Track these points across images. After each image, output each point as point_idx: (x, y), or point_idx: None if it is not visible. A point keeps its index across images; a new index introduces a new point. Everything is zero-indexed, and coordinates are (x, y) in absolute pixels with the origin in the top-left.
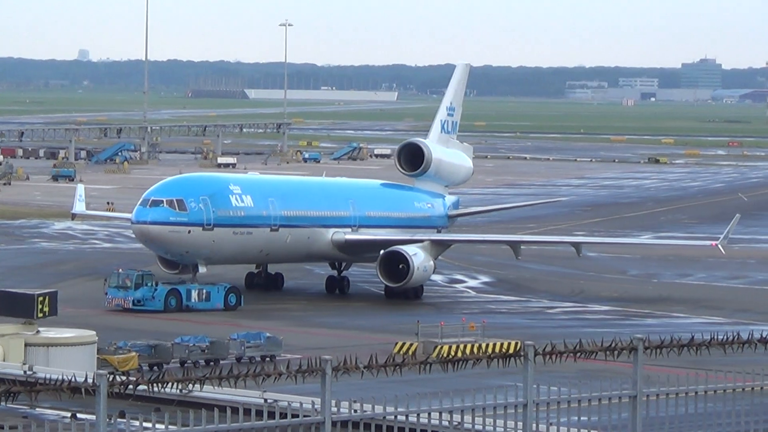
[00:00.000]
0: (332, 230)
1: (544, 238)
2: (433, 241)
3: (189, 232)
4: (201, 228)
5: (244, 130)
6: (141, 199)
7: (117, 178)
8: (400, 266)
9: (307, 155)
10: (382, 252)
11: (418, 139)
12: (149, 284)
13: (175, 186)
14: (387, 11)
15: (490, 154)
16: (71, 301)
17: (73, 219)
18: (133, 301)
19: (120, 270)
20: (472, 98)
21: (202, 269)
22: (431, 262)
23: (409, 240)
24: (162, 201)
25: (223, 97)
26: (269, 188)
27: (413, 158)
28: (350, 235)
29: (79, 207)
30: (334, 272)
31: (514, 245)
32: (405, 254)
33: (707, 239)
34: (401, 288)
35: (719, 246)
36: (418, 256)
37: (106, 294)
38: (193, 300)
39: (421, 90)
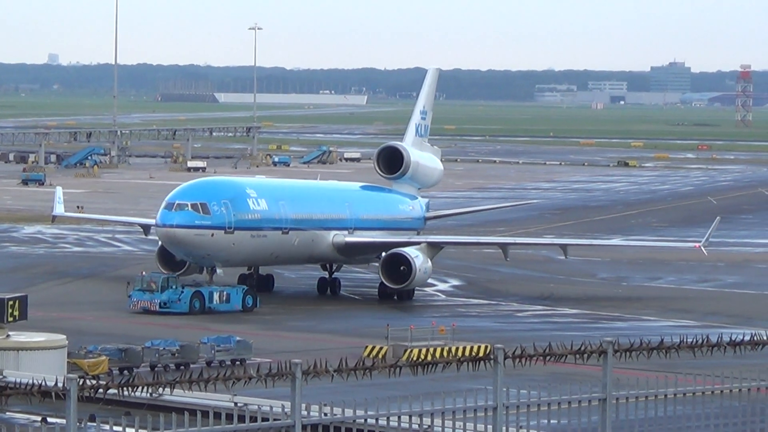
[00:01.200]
0: (333, 233)
1: (532, 240)
2: (429, 244)
3: (212, 235)
4: (223, 231)
5: (214, 133)
6: (165, 203)
7: (87, 182)
8: (401, 268)
9: (276, 159)
10: (384, 254)
11: (397, 143)
12: (174, 287)
13: (198, 190)
14: (356, 15)
15: (460, 157)
16: (42, 305)
17: (53, 221)
18: (159, 303)
19: (144, 273)
20: (442, 101)
21: (219, 271)
22: (429, 264)
23: (407, 242)
24: (187, 204)
25: (193, 101)
26: (280, 192)
27: (392, 161)
28: (350, 238)
29: (59, 209)
30: (325, 274)
31: (504, 247)
32: (408, 256)
33: (677, 242)
34: (403, 289)
35: (702, 248)
36: (419, 258)
37: (130, 297)
38: (215, 302)
39: (391, 93)
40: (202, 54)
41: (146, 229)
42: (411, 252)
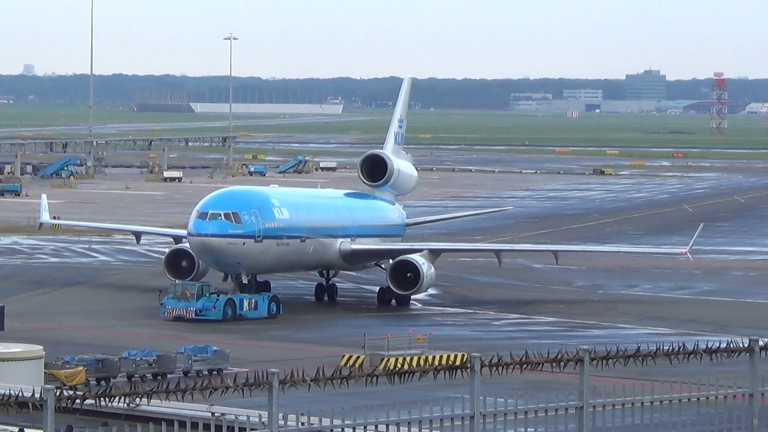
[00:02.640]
0: (339, 240)
1: (524, 247)
2: (431, 251)
3: (243, 243)
4: (253, 240)
5: (190, 143)
6: (197, 212)
7: (63, 192)
8: (408, 275)
9: (252, 168)
10: (392, 261)
11: (381, 151)
12: (207, 295)
13: (229, 199)
14: (332, 24)
15: (436, 166)
16: (19, 315)
17: (39, 228)
18: (195, 311)
19: (177, 282)
20: (417, 111)
21: (244, 279)
22: (433, 270)
23: (410, 249)
24: (220, 214)
25: (169, 111)
26: (297, 201)
27: (375, 169)
28: (355, 245)
29: (45, 217)
30: (322, 280)
31: (497, 253)
32: (416, 263)
33: (655, 249)
34: (411, 295)
35: (688, 254)
36: (425, 265)
37: (162, 305)
38: (245, 309)
39: (367, 103)
40: (177, 64)
41: (138, 236)
42: (418, 259)
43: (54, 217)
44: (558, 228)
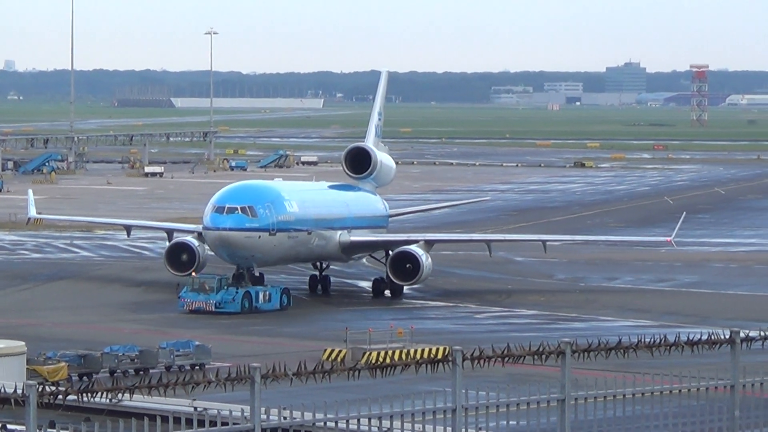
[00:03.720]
0: (339, 232)
1: (512, 236)
2: (427, 241)
3: (259, 237)
4: (268, 233)
5: (171, 138)
6: (214, 206)
7: (44, 188)
8: (407, 266)
9: (233, 163)
10: (392, 252)
11: (364, 143)
12: (226, 288)
13: (243, 193)
14: (311, 19)
15: (417, 160)
16: (1, 311)
17: (27, 223)
18: (215, 304)
19: (195, 275)
20: (398, 104)
21: (256, 272)
22: (430, 261)
23: (406, 241)
24: (237, 208)
25: (150, 106)
26: (302, 194)
27: (359, 161)
28: (354, 237)
29: (33, 211)
30: (316, 272)
31: (488, 244)
32: (415, 254)
33: (633, 242)
34: (411, 285)
35: (672, 242)
36: (423, 255)
37: (180, 298)
38: (260, 301)
39: (347, 97)
40: (158, 59)
41: (128, 229)
42: (417, 250)
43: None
44: (539, 221)
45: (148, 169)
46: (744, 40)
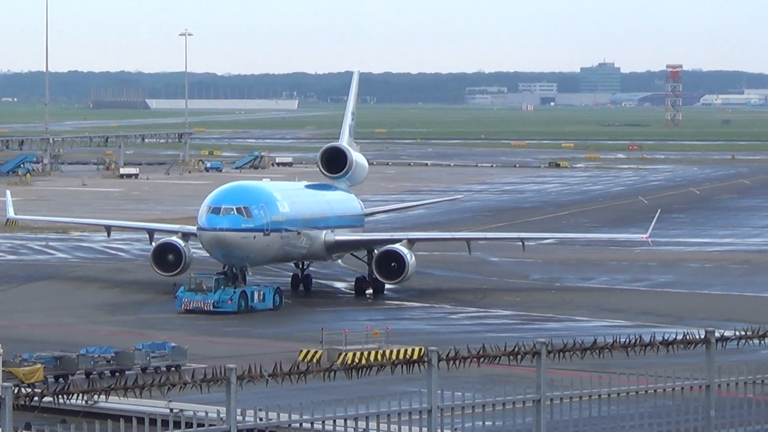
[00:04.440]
0: (324, 231)
1: (492, 235)
2: (409, 240)
3: (254, 237)
4: (262, 233)
5: (146, 140)
6: (209, 207)
7: (19, 190)
8: (392, 264)
9: (209, 164)
10: (377, 251)
11: (340, 143)
12: (223, 287)
13: (238, 194)
14: (285, 20)
15: (392, 160)
16: None
17: (6, 224)
18: (213, 303)
19: (192, 275)
20: (372, 105)
21: (249, 272)
22: (414, 259)
23: (390, 240)
24: (232, 209)
25: (125, 108)
26: (292, 195)
27: (335, 161)
28: (339, 236)
29: (12, 212)
30: (298, 271)
31: (468, 242)
32: (401, 253)
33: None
34: (397, 284)
35: (648, 239)
36: (409, 254)
37: (177, 298)
38: (255, 301)
39: (322, 98)
40: (132, 60)
41: (108, 230)
42: (403, 249)
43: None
44: (514, 221)
45: (123, 171)
46: (718, 41)
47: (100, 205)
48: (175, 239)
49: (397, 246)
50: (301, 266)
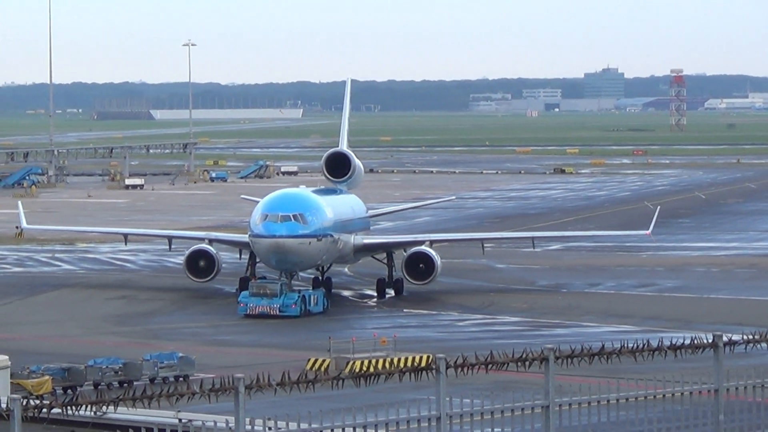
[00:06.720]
0: (353, 235)
1: (504, 234)
2: (432, 241)
3: (309, 243)
4: (316, 239)
5: (151, 150)
6: (265, 215)
7: (25, 202)
8: (420, 266)
9: (214, 174)
10: (407, 253)
11: (343, 148)
12: (286, 292)
13: (291, 202)
14: (289, 29)
15: (397, 168)
16: None
17: (20, 235)
18: (278, 308)
19: (254, 280)
20: (377, 113)
21: (297, 277)
22: (440, 261)
23: (414, 242)
24: (290, 216)
25: (129, 119)
26: (330, 201)
27: (339, 165)
28: (367, 239)
29: (25, 223)
30: (318, 274)
31: (482, 242)
32: (430, 255)
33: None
34: (425, 285)
35: (651, 234)
36: (437, 256)
37: (239, 303)
38: (311, 305)
39: (326, 106)
40: (136, 71)
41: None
42: (431, 251)
43: (17, 228)
44: (520, 227)
45: (128, 182)
46: (722, 45)
47: (106, 216)
48: (206, 246)
49: (425, 248)
50: (322, 270)
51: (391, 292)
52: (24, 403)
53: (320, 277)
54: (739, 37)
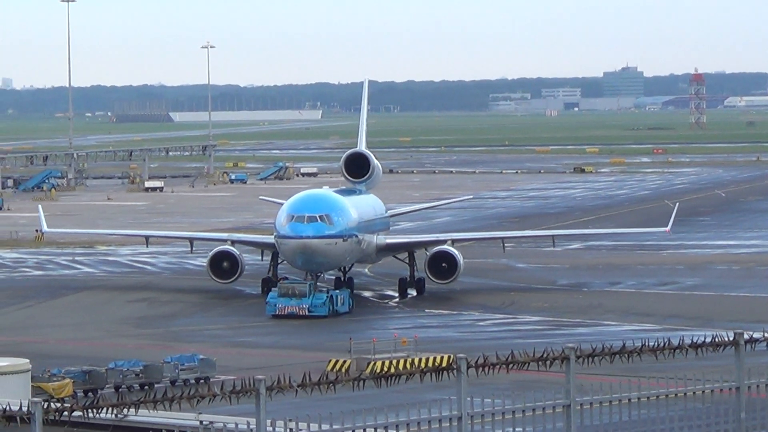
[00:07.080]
0: (375, 235)
1: (525, 233)
2: (453, 240)
3: (336, 243)
4: (342, 239)
5: (170, 153)
6: (291, 216)
7: (45, 205)
8: (443, 265)
9: (233, 176)
10: (430, 252)
11: (362, 149)
12: (315, 292)
13: (317, 202)
14: (307, 30)
15: (417, 169)
16: (4, 329)
17: (41, 238)
18: (308, 308)
19: (282, 281)
20: (396, 114)
21: (323, 277)
22: (463, 260)
23: (435, 241)
24: (316, 217)
25: (148, 121)
26: (354, 202)
27: (359, 165)
28: (389, 239)
29: (45, 226)
30: (340, 274)
31: (503, 241)
32: (453, 254)
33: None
34: (448, 284)
35: (669, 231)
36: (459, 255)
37: (268, 303)
38: (339, 305)
39: (345, 107)
40: (155, 74)
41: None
42: (454, 250)
43: (37, 231)
44: (540, 227)
45: (148, 184)
46: (740, 42)
47: (125, 219)
48: (229, 247)
49: (448, 247)
50: (344, 270)
51: (413, 292)
52: (45, 406)
53: (342, 278)
54: (758, 35)
